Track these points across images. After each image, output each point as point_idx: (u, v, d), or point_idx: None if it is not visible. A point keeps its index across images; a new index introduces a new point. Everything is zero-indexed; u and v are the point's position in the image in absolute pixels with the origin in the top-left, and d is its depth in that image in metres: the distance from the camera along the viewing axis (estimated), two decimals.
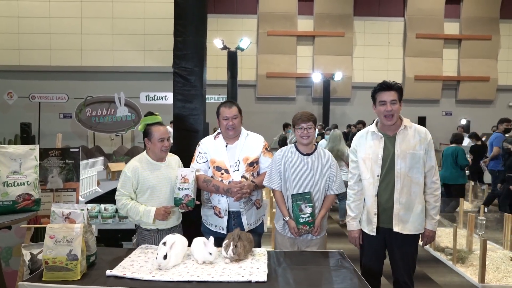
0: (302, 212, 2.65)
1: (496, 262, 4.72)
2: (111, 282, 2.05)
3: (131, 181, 2.74)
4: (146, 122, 2.81)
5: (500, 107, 18.22)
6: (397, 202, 2.65)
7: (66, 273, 2.04)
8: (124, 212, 2.76)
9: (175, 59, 3.73)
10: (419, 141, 2.64)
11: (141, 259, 2.39)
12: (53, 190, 3.03)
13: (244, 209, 2.84)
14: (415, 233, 2.69)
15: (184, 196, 2.73)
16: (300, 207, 2.65)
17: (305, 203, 2.64)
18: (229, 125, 2.81)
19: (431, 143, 2.67)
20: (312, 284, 2.09)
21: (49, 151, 3.05)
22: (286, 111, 15.94)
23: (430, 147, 2.67)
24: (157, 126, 2.79)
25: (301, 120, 2.76)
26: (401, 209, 2.64)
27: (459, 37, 17.87)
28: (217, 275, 2.14)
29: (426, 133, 2.69)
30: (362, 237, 2.83)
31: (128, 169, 2.78)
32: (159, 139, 2.76)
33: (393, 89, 2.67)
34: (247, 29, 16.60)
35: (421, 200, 2.67)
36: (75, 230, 2.09)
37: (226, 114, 2.83)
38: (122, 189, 2.75)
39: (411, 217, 2.65)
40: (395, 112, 2.64)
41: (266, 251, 2.54)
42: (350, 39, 17.42)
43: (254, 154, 2.89)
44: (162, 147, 2.78)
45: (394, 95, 2.65)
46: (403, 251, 2.71)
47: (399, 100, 2.67)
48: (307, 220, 2.65)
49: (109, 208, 6.00)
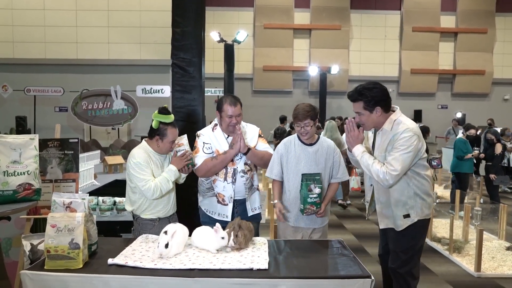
0: (311, 192, 2.68)
1: (491, 252, 4.78)
2: (113, 270, 2.05)
3: (147, 166, 2.71)
4: (161, 120, 2.74)
5: (495, 101, 18.33)
6: (378, 202, 2.71)
7: (68, 261, 2.04)
8: (159, 192, 2.69)
9: (174, 50, 3.71)
10: (390, 141, 2.53)
11: (142, 248, 2.40)
12: (53, 181, 3.03)
13: (248, 195, 2.89)
14: (396, 228, 2.61)
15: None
16: (309, 187, 2.69)
17: (314, 184, 2.68)
18: (233, 123, 2.82)
19: (400, 141, 2.46)
20: (313, 271, 2.11)
21: (48, 141, 3.04)
22: (282, 105, 15.95)
23: (396, 143, 2.48)
24: (173, 129, 2.76)
25: (297, 118, 2.79)
26: (383, 208, 2.67)
27: (455, 31, 17.91)
28: (218, 263, 2.15)
29: (401, 133, 2.48)
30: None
31: (139, 158, 2.72)
32: (170, 142, 2.78)
33: (353, 100, 2.61)
34: (244, 22, 16.54)
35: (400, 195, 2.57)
36: (76, 219, 2.09)
37: (230, 112, 2.81)
38: (145, 176, 2.68)
39: (391, 212, 2.63)
40: (363, 122, 2.61)
41: (267, 240, 2.56)
42: (347, 32, 17.42)
43: (253, 143, 2.94)
44: (171, 148, 2.83)
45: (357, 107, 2.59)
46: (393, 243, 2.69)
47: (368, 108, 2.54)
48: (315, 201, 2.68)
49: (107, 200, 6.00)
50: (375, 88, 2.55)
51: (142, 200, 2.78)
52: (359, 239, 5.42)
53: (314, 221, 2.88)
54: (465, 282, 4.02)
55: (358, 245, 5.14)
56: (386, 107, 2.58)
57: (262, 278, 2.02)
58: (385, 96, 2.57)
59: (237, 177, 2.84)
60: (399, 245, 2.64)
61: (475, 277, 4.13)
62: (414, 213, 2.58)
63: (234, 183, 2.84)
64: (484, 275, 4.14)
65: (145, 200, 2.78)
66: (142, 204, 2.80)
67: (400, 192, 2.58)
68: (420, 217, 2.59)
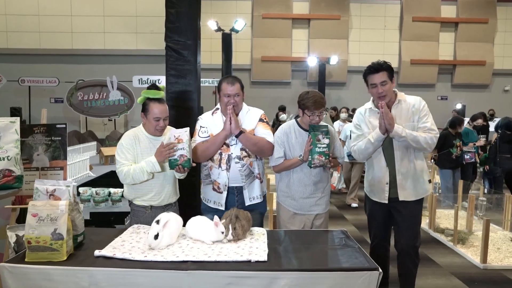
0: (319, 142, 2.61)
1: (496, 243, 4.66)
2: (99, 263, 1.90)
3: (128, 150, 2.60)
4: (146, 96, 2.61)
5: (495, 92, 18.16)
6: (399, 173, 2.76)
7: (51, 253, 1.89)
8: (130, 179, 2.55)
9: (167, 32, 3.53)
10: (413, 112, 2.72)
11: (132, 239, 2.25)
12: (39, 169, 2.86)
13: (246, 183, 2.71)
14: (416, 198, 2.78)
15: (179, 157, 2.54)
16: (318, 137, 2.62)
17: (323, 135, 2.62)
18: (231, 102, 2.66)
19: (424, 108, 2.73)
20: (316, 263, 1.96)
21: (34, 127, 2.87)
22: (281, 96, 15.76)
23: (422, 113, 2.72)
24: (156, 104, 2.60)
25: (314, 107, 2.69)
26: (403, 179, 2.75)
27: (455, 20, 17.66)
28: (214, 254, 2.00)
29: (420, 101, 2.75)
30: (370, 206, 2.94)
31: (123, 139, 2.64)
32: (154, 118, 2.60)
33: (381, 70, 2.69)
34: (242, 12, 16.25)
35: (420, 165, 2.78)
36: (60, 208, 1.93)
37: (228, 91, 2.66)
38: (122, 159, 2.58)
39: (412, 184, 2.76)
40: (386, 93, 2.69)
41: (265, 230, 2.41)
42: (346, 22, 17.17)
43: (250, 126, 2.75)
44: (157, 127, 2.62)
45: (383, 76, 2.68)
46: (407, 218, 2.80)
47: (390, 79, 2.70)
48: (324, 151, 2.61)
49: (100, 192, 5.88)
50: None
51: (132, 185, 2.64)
52: (360, 230, 5.29)
53: (316, 207, 2.83)
54: (471, 274, 3.89)
55: (359, 236, 5.01)
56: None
57: (261, 270, 1.87)
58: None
59: (232, 163, 2.67)
60: (418, 215, 2.84)
61: (481, 268, 4.00)
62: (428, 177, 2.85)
63: (229, 170, 2.67)
64: (490, 266, 4.01)
65: (134, 186, 2.64)
66: (133, 189, 2.67)
67: (421, 158, 2.78)
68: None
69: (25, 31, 14.69)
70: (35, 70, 14.28)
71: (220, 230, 2.16)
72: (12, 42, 14.62)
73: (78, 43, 14.97)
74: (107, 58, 14.94)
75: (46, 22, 14.81)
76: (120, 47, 15.00)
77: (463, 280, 3.71)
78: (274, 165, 2.82)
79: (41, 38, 14.84)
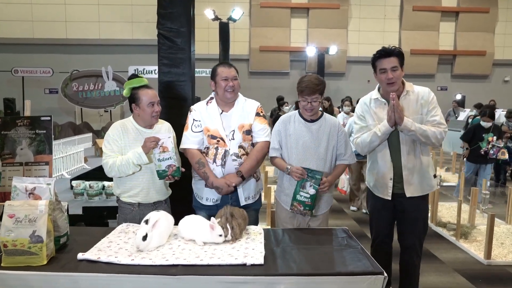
0: (303, 189, 2.34)
1: (500, 238, 4.54)
2: (82, 267, 1.75)
3: (115, 141, 2.48)
4: (131, 86, 2.50)
5: (495, 82, 18.00)
6: (405, 168, 2.62)
7: (29, 257, 1.74)
8: (115, 172, 2.43)
9: (159, 19, 3.35)
10: (422, 104, 2.57)
11: (120, 239, 2.10)
12: (23, 164, 2.71)
13: None
14: (423, 193, 2.67)
15: (168, 167, 2.43)
16: (304, 184, 2.34)
17: (311, 182, 2.32)
18: (229, 86, 2.48)
19: (433, 101, 2.58)
20: (316, 267, 1.82)
21: (17, 120, 2.71)
22: (279, 86, 15.56)
23: (431, 105, 2.57)
24: (145, 90, 2.50)
25: (306, 92, 2.46)
26: (409, 174, 2.62)
27: (456, 10, 17.43)
28: (206, 257, 1.86)
29: (429, 93, 2.60)
30: (374, 202, 2.81)
31: (111, 129, 2.53)
32: (148, 104, 2.47)
33: (393, 55, 2.52)
34: (239, 1, 15.94)
35: (426, 160, 2.65)
36: (39, 208, 1.78)
37: (225, 74, 2.49)
38: (108, 151, 2.47)
39: (418, 179, 2.63)
40: (396, 79, 2.53)
41: (262, 229, 2.27)
42: (346, 12, 16.91)
43: (249, 120, 2.57)
44: (153, 113, 2.50)
45: (395, 61, 2.52)
46: (413, 214, 2.69)
47: (400, 66, 2.54)
48: (304, 201, 2.33)
49: (94, 185, 5.73)
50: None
51: (118, 179, 2.52)
52: (360, 224, 5.16)
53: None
54: (474, 270, 3.77)
55: (360, 230, 4.88)
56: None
57: (257, 275, 1.73)
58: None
59: (228, 160, 2.50)
60: (423, 212, 2.72)
61: (485, 265, 3.89)
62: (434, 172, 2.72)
63: (224, 166, 2.50)
64: (494, 262, 3.90)
65: (119, 180, 2.51)
66: (120, 183, 2.54)
67: (426, 152, 2.64)
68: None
69: (18, 20, 14.39)
70: (29, 60, 14.01)
71: (217, 233, 2.01)
72: (4, 32, 14.31)
73: (73, 32, 14.68)
74: (102, 48, 14.67)
75: (40, 10, 14.51)
76: (115, 36, 14.73)
77: (467, 277, 3.60)
78: (270, 155, 2.63)
79: (34, 27, 14.55)
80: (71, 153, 8.54)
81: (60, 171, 8.02)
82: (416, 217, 2.69)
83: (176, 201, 2.76)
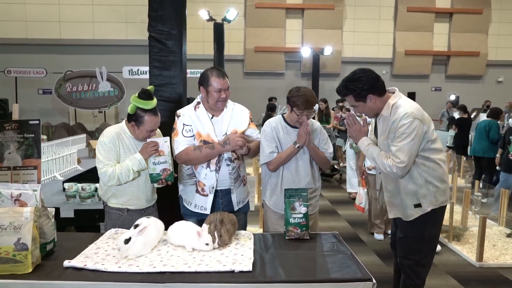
0: (294, 211, 2.25)
1: (492, 239, 4.56)
2: (68, 275, 1.73)
3: (112, 149, 2.43)
4: (137, 105, 2.39)
5: (489, 83, 18.11)
6: (386, 190, 2.54)
7: (14, 265, 1.72)
8: (115, 181, 2.38)
9: (151, 21, 3.33)
10: (390, 129, 2.34)
11: (108, 245, 2.08)
12: (11, 168, 2.67)
13: (234, 186, 2.55)
14: (406, 219, 2.44)
15: (162, 171, 2.42)
16: (293, 205, 2.27)
17: (299, 201, 2.26)
18: (222, 98, 2.46)
19: (400, 129, 2.27)
20: (304, 274, 1.81)
21: (5, 123, 2.68)
22: (274, 87, 15.55)
23: (397, 133, 2.28)
24: (152, 116, 2.41)
25: (305, 106, 2.51)
26: (391, 196, 2.51)
27: (450, 11, 17.52)
28: (194, 264, 1.84)
29: (400, 120, 2.27)
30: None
31: (106, 138, 2.44)
32: (148, 131, 2.44)
33: (343, 95, 2.48)
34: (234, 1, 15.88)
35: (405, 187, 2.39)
36: (24, 215, 1.76)
37: (219, 86, 2.44)
38: (105, 159, 2.40)
39: (399, 202, 2.45)
40: (362, 112, 2.49)
41: (252, 235, 2.26)
42: (340, 12, 16.93)
43: (242, 126, 2.56)
44: (147, 137, 2.47)
45: (349, 101, 2.43)
46: (403, 234, 2.51)
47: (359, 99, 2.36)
48: (299, 222, 2.25)
49: (86, 187, 5.67)
50: (362, 77, 2.34)
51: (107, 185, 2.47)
52: (352, 226, 5.16)
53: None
54: (466, 272, 3.78)
55: (352, 232, 4.88)
56: (380, 92, 2.37)
57: (245, 283, 1.72)
58: (375, 82, 2.35)
59: (222, 165, 2.49)
60: (408, 233, 2.47)
61: (477, 267, 3.90)
62: (427, 202, 2.38)
63: (218, 171, 2.49)
64: (486, 265, 3.91)
65: (109, 186, 2.47)
66: (108, 189, 2.50)
67: (408, 180, 2.37)
68: (434, 206, 2.39)
69: (11, 20, 14.27)
70: (22, 60, 13.89)
71: (204, 242, 1.99)
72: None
73: (67, 32, 14.57)
74: (96, 48, 14.58)
75: (33, 10, 14.39)
76: (109, 37, 14.64)
77: (459, 280, 3.60)
78: (268, 161, 2.60)
79: (27, 27, 14.44)
80: (64, 155, 8.47)
81: (52, 173, 7.96)
82: (406, 237, 2.48)
83: (164, 207, 2.74)
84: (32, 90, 14.06)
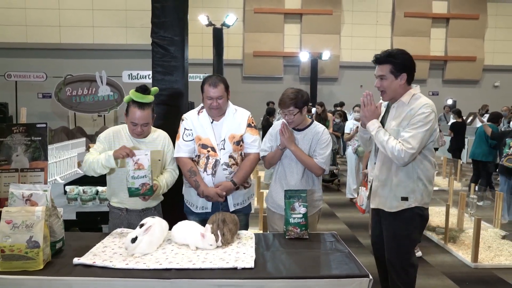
0: (294, 212, 2.32)
1: (487, 241, 4.64)
2: (78, 271, 1.81)
3: (102, 142, 2.54)
4: (131, 98, 2.49)
5: (485, 87, 18.26)
6: (376, 179, 2.53)
7: (26, 262, 1.79)
8: (86, 167, 2.47)
9: (153, 28, 3.41)
10: (405, 117, 2.36)
11: (115, 244, 2.16)
12: (18, 170, 2.75)
13: None
14: (387, 210, 2.48)
15: (141, 186, 2.34)
16: (293, 206, 2.33)
17: (299, 202, 2.33)
18: (213, 105, 2.55)
19: (418, 117, 2.31)
20: (304, 270, 1.89)
21: (13, 127, 2.75)
22: (273, 91, 15.63)
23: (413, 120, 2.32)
24: (136, 108, 2.46)
25: (281, 105, 2.62)
26: (379, 186, 2.51)
27: (447, 16, 17.69)
28: (199, 261, 1.92)
29: (420, 109, 2.32)
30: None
31: (103, 132, 2.61)
32: (131, 122, 2.50)
33: (380, 62, 2.43)
34: (233, 6, 16.06)
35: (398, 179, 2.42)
36: (35, 214, 1.84)
37: (210, 94, 2.53)
38: (93, 150, 2.55)
39: (387, 193, 2.47)
40: (385, 88, 2.43)
41: (253, 234, 2.34)
42: (338, 17, 17.08)
43: (240, 131, 2.64)
44: (134, 130, 2.51)
45: (382, 69, 2.41)
46: (386, 228, 2.54)
47: (394, 72, 2.38)
48: (299, 222, 2.32)
49: (88, 190, 5.73)
50: (407, 55, 2.43)
51: (109, 184, 2.61)
52: (351, 228, 5.24)
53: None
54: (462, 273, 3.87)
55: (351, 235, 4.96)
56: (410, 78, 2.43)
57: (247, 278, 1.80)
58: (414, 66, 2.44)
59: (218, 169, 2.57)
60: (397, 232, 2.48)
61: (472, 268, 3.98)
62: (413, 198, 2.43)
63: (214, 175, 2.57)
64: (481, 265, 3.99)
65: (110, 184, 2.61)
66: (108, 187, 2.65)
67: (405, 173, 2.42)
68: (418, 203, 2.45)
69: (11, 24, 14.36)
70: (22, 64, 13.97)
71: (208, 243, 2.07)
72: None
73: (67, 37, 14.68)
74: (96, 52, 14.68)
75: (33, 15, 14.50)
76: (109, 41, 14.75)
77: (455, 280, 3.69)
78: (261, 156, 2.72)
79: (28, 31, 14.53)
80: (64, 158, 8.53)
81: (53, 176, 8.02)
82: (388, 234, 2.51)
83: (168, 206, 2.82)
84: (32, 94, 14.13)
